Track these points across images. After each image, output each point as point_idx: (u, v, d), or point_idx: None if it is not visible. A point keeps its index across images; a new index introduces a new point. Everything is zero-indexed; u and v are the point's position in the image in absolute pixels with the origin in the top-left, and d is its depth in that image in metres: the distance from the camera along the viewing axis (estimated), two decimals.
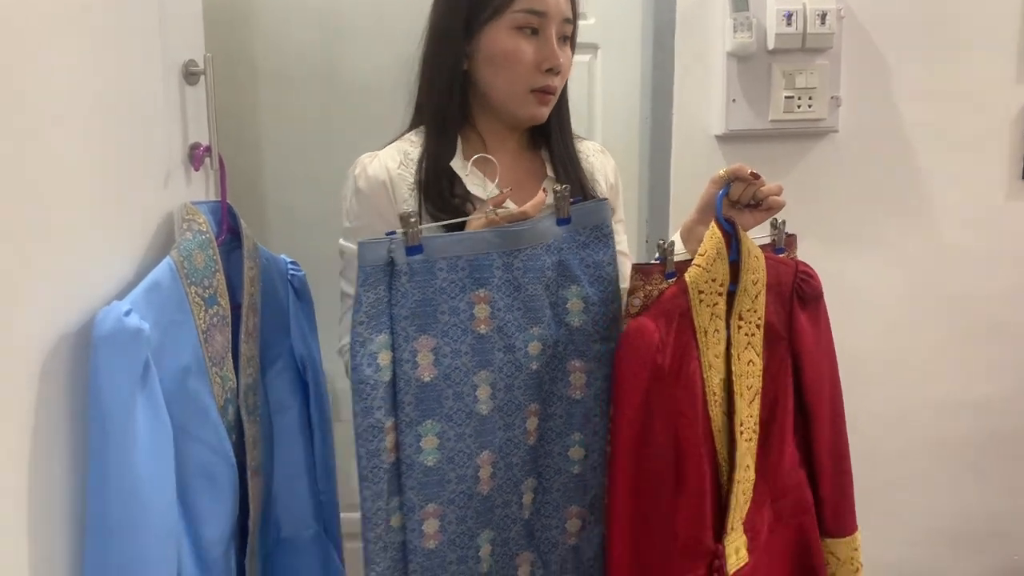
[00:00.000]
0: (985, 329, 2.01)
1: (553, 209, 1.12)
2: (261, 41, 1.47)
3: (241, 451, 1.09)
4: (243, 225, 1.13)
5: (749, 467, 1.20)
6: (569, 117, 1.33)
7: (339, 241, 1.27)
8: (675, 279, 1.13)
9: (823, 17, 1.77)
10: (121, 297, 0.89)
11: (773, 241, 1.27)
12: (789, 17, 1.76)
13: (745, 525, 1.22)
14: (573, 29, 1.25)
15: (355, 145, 1.28)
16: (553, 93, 1.23)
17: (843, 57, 1.84)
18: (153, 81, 1.01)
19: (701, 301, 1.13)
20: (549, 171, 1.29)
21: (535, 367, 1.12)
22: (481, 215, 1.11)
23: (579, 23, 1.27)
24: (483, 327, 1.08)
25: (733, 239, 1.15)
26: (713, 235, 1.13)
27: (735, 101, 1.81)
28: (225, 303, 1.05)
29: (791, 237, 1.29)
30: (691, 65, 1.83)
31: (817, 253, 1.50)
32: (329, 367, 1.30)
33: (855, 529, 1.39)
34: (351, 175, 1.26)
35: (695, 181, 1.61)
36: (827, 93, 1.83)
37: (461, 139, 1.25)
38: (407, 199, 1.21)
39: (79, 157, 0.88)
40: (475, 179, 1.23)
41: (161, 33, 1.03)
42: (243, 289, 1.11)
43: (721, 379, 1.17)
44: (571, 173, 1.28)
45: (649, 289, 1.14)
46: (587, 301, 1.13)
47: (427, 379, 1.06)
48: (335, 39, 1.50)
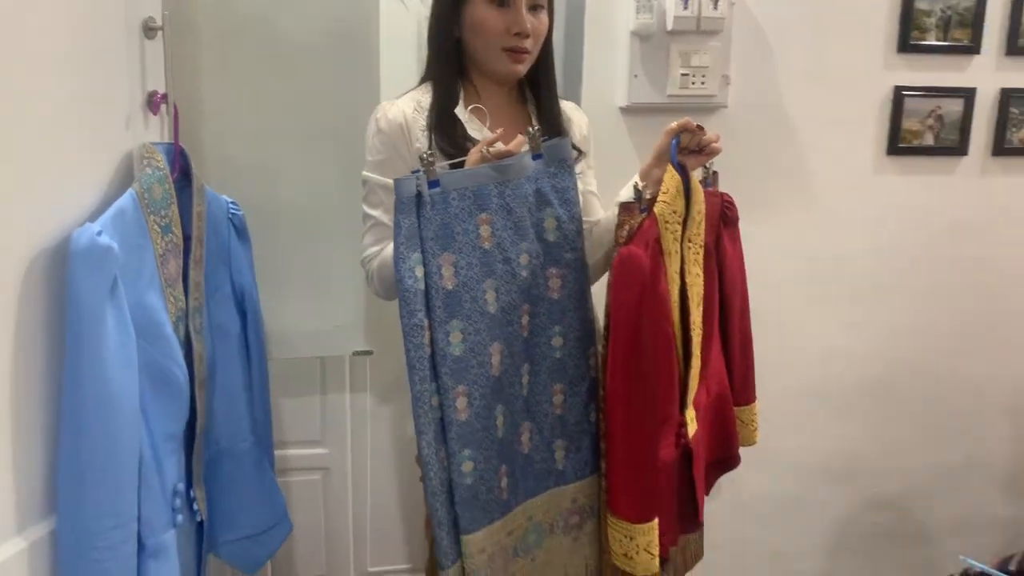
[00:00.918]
0: (853, 286, 2.27)
1: (529, 148, 1.37)
2: (211, 2, 1.60)
3: (190, 365, 1.24)
4: (192, 166, 1.27)
5: (698, 356, 1.50)
6: (554, 76, 1.58)
7: (362, 172, 1.50)
8: (647, 213, 1.38)
9: (716, 2, 1.97)
10: (92, 221, 1.04)
11: (704, 178, 1.55)
12: (686, 1, 1.96)
13: (694, 402, 1.53)
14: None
15: (287, 101, 1.44)
16: (525, 51, 1.46)
17: (733, 40, 2.04)
18: (117, 34, 1.15)
19: (667, 228, 1.39)
20: (534, 120, 1.53)
21: (525, 275, 1.38)
22: (477, 153, 1.35)
23: None
24: (486, 243, 1.33)
25: (684, 178, 1.41)
26: (672, 176, 1.39)
27: (637, 77, 2.01)
28: (178, 232, 1.20)
29: (715, 174, 1.59)
30: (598, 43, 2.02)
31: None
32: (265, 307, 1.47)
33: (754, 399, 1.76)
34: (373, 119, 1.50)
35: (601, 147, 1.83)
36: (719, 72, 2.04)
37: (462, 92, 1.50)
38: (419, 138, 1.46)
39: (52, 99, 1.02)
40: (473, 124, 1.48)
41: None
42: (192, 223, 1.26)
43: (678, 288, 1.45)
44: (553, 123, 1.54)
45: (632, 223, 1.40)
46: (559, 220, 1.40)
47: (450, 287, 1.30)
48: (275, 3, 1.64)
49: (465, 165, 1.35)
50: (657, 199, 1.37)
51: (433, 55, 1.51)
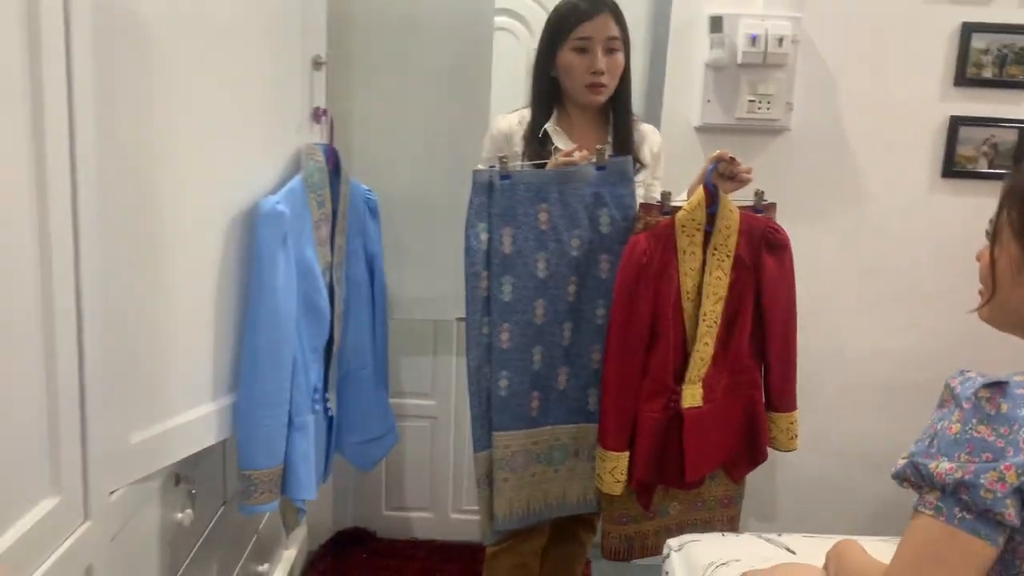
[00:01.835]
0: (904, 295, 2.53)
1: (596, 161, 1.78)
2: (357, 38, 2.10)
3: (331, 303, 1.72)
4: (342, 161, 1.76)
5: (708, 344, 1.81)
6: (630, 103, 1.94)
7: (477, 165, 1.92)
8: (670, 215, 1.75)
9: (780, 40, 2.31)
10: (272, 194, 1.53)
11: (753, 204, 1.86)
12: (754, 39, 2.30)
13: (704, 382, 1.83)
14: (622, 42, 1.85)
15: (414, 117, 1.91)
16: (602, 86, 1.84)
17: (797, 71, 2.37)
18: (295, 66, 1.65)
19: (683, 231, 1.75)
20: (609, 138, 1.91)
21: (574, 253, 1.78)
22: (554, 159, 1.78)
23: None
24: (543, 225, 1.76)
25: (715, 197, 1.76)
26: (699, 192, 1.75)
27: (710, 101, 2.37)
28: (329, 208, 1.68)
29: (771, 205, 1.88)
30: (678, 73, 2.40)
31: None
32: (387, 272, 1.93)
33: (794, 408, 1.96)
34: (491, 126, 1.96)
35: (679, 160, 2.20)
36: (783, 99, 2.38)
37: (557, 113, 1.91)
38: (518, 144, 1.90)
39: (254, 111, 1.52)
40: (560, 138, 1.89)
41: (302, 36, 1.67)
42: (339, 201, 1.74)
43: (695, 284, 1.79)
44: (624, 140, 1.91)
45: (648, 220, 1.76)
46: (612, 218, 1.79)
47: (507, 252, 1.74)
48: (409, 38, 2.13)
49: (547, 167, 1.78)
50: (681, 208, 1.75)
51: (533, 88, 1.93)
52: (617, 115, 1.94)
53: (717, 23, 2.31)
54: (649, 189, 1.99)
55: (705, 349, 1.80)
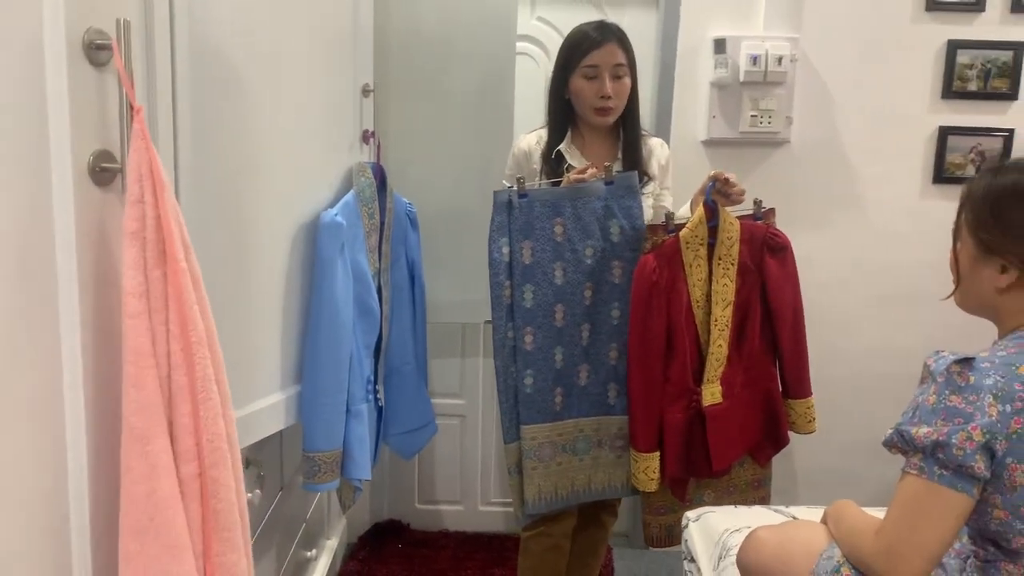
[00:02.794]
0: (905, 293, 2.71)
1: (605, 177, 1.96)
2: (397, 66, 2.32)
3: (380, 305, 1.91)
4: (387, 178, 1.96)
5: (721, 346, 1.98)
6: (638, 122, 2.11)
7: (503, 181, 2.13)
8: (674, 233, 1.93)
9: (780, 60, 2.50)
10: (331, 207, 1.73)
11: (753, 212, 2.03)
12: (755, 59, 2.50)
13: (721, 380, 2.00)
14: (628, 67, 2.01)
15: (448, 137, 2.11)
16: (609, 108, 2.00)
17: (796, 87, 2.57)
18: (347, 93, 1.86)
19: (687, 247, 1.93)
20: (619, 154, 2.09)
21: (589, 262, 1.96)
22: (567, 177, 1.96)
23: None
24: (559, 237, 1.94)
25: (715, 212, 1.93)
26: (699, 211, 1.93)
27: (715, 117, 2.57)
28: (377, 219, 1.88)
29: (770, 211, 2.05)
30: (685, 91, 2.60)
31: None
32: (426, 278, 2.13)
33: (810, 394, 2.12)
34: (514, 144, 2.14)
35: (688, 172, 2.39)
36: (783, 114, 2.57)
37: (572, 132, 2.09)
38: (536, 161, 2.08)
39: (315, 135, 1.72)
40: (574, 156, 2.07)
41: (353, 66, 1.88)
42: (385, 214, 1.94)
43: (703, 293, 1.96)
44: (634, 156, 2.08)
45: (655, 239, 1.95)
46: (623, 228, 1.96)
47: (528, 262, 1.92)
48: (442, 66, 2.34)
49: (562, 184, 1.97)
50: (684, 226, 1.94)
51: (549, 110, 2.11)
52: (626, 133, 2.11)
53: (721, 45, 2.51)
54: (659, 199, 2.16)
55: (719, 351, 1.98)
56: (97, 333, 1.02)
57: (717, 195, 1.94)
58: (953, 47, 2.57)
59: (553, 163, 2.06)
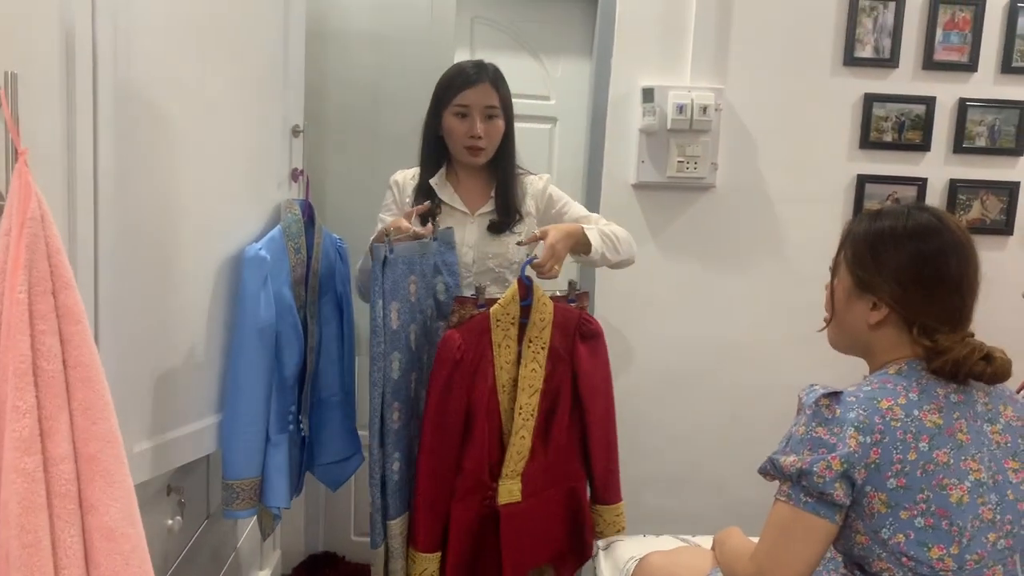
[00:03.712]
0: (824, 333, 2.81)
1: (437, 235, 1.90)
2: (332, 108, 2.40)
3: (306, 336, 1.97)
4: (316, 214, 2.03)
5: (524, 437, 1.79)
6: (512, 162, 2.08)
7: (379, 215, 2.10)
8: (485, 308, 1.78)
9: (705, 109, 2.62)
10: (256, 242, 1.79)
11: (567, 295, 1.89)
12: (681, 108, 2.61)
13: (522, 477, 1.80)
14: (502, 109, 1.99)
15: (380, 175, 2.19)
16: (479, 148, 1.98)
17: (720, 135, 2.69)
18: (276, 134, 1.94)
19: (497, 325, 1.77)
20: (492, 192, 2.08)
21: (429, 322, 1.91)
22: (385, 225, 1.88)
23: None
24: (413, 297, 1.85)
25: (529, 290, 1.78)
26: (512, 287, 1.78)
27: (644, 162, 2.68)
28: (304, 254, 1.95)
29: (583, 294, 1.91)
30: (615, 137, 2.70)
31: (698, 272, 2.59)
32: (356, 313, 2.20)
33: (619, 500, 1.93)
34: (391, 180, 2.10)
35: (617, 212, 2.48)
36: (708, 160, 2.68)
37: (447, 169, 2.08)
38: (409, 194, 2.06)
39: (242, 173, 1.79)
40: (444, 192, 2.05)
41: (283, 107, 1.96)
42: (313, 249, 2.00)
43: (511, 377, 1.79)
44: (507, 194, 2.06)
45: (463, 312, 1.78)
46: (448, 285, 1.92)
47: (395, 327, 1.79)
48: (374, 108, 2.43)
49: (375, 232, 1.93)
50: (496, 302, 1.78)
51: (423, 148, 2.08)
52: (500, 174, 2.07)
53: (649, 94, 2.63)
54: (569, 215, 2.12)
55: (522, 443, 1.79)
56: None
57: (534, 269, 1.82)
58: (869, 100, 2.71)
59: (422, 197, 2.03)
